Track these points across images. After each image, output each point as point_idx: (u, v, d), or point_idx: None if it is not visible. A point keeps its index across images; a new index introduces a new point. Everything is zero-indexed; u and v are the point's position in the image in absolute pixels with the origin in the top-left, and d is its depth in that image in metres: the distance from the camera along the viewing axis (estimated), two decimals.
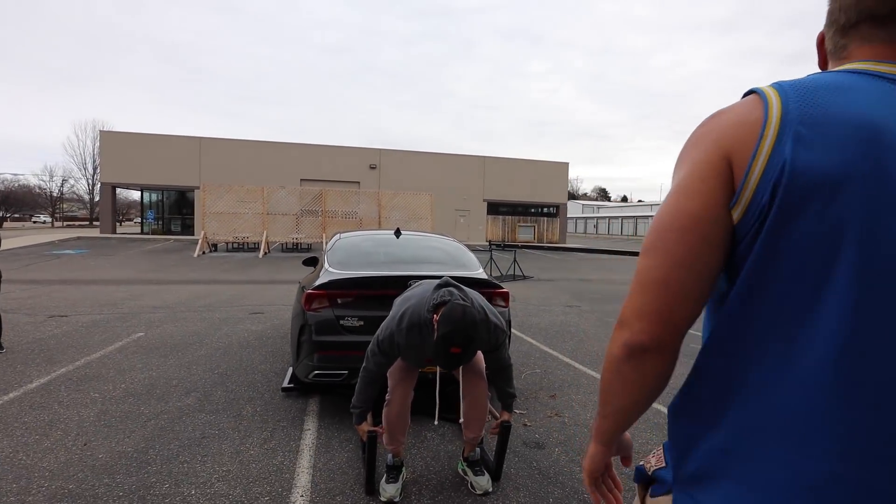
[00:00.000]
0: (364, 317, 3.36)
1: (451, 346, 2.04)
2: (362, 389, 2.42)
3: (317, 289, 3.41)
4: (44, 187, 49.84)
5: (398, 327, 2.32)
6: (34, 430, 3.23)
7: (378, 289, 3.40)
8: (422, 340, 2.29)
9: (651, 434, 3.36)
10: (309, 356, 3.36)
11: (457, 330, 2.04)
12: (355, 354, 3.26)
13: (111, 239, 23.28)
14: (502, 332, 2.40)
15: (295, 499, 2.44)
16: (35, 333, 5.97)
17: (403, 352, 2.36)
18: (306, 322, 3.39)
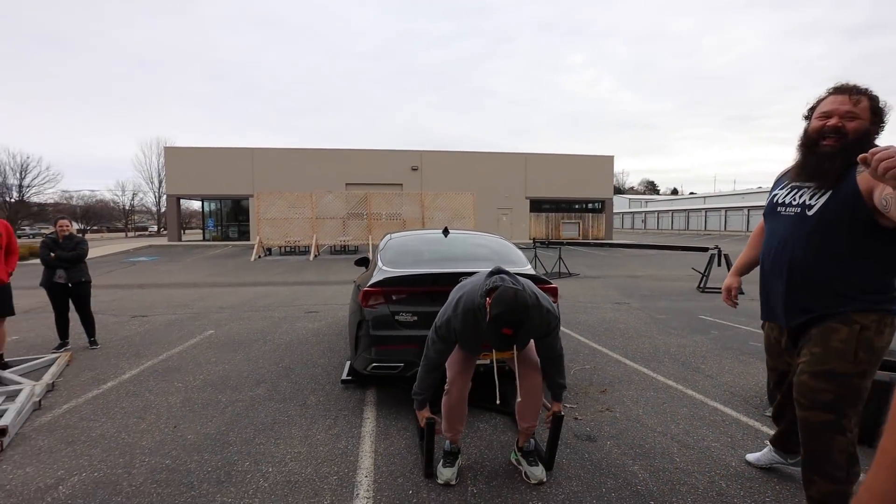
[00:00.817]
0: (417, 312, 3.55)
1: (503, 326, 2.18)
2: (423, 377, 2.60)
3: (372, 286, 3.64)
4: (117, 201, 53.75)
5: (454, 312, 2.48)
6: (131, 413, 3.63)
7: (430, 285, 3.59)
8: (476, 324, 2.43)
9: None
10: (367, 350, 3.59)
11: (508, 311, 2.17)
12: (410, 348, 3.47)
13: (177, 246, 24.83)
14: (554, 318, 2.51)
15: (360, 479, 2.66)
16: (122, 332, 6.58)
17: (460, 337, 2.50)
18: (364, 318, 3.62)
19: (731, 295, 2.56)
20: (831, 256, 1.97)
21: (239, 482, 2.62)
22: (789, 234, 2.07)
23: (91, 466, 2.82)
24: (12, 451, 3.04)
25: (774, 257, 2.13)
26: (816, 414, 1.98)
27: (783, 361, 2.31)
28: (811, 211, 1.99)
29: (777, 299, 2.14)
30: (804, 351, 2.06)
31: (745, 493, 2.52)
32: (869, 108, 1.94)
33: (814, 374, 1.98)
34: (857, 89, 1.97)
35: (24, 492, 2.55)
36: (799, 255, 2.03)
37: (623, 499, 2.46)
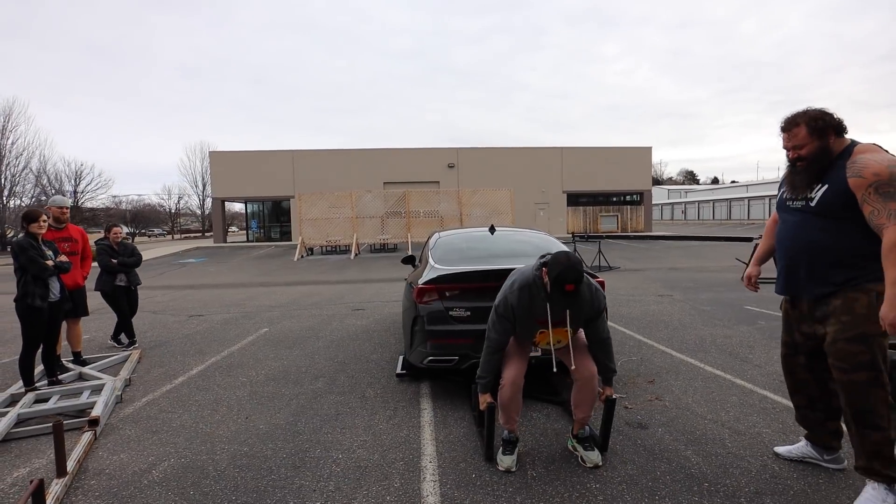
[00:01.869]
0: (470, 307, 3.70)
1: (565, 283, 2.40)
2: (486, 360, 2.76)
3: (427, 283, 3.81)
4: (163, 205, 56.33)
5: (510, 290, 2.69)
6: (205, 406, 3.93)
7: (481, 281, 3.73)
8: (531, 300, 2.62)
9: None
10: (423, 344, 3.77)
11: (566, 268, 2.41)
12: (465, 342, 3.63)
13: (223, 248, 25.87)
14: (603, 297, 2.72)
15: (425, 464, 2.83)
16: (182, 330, 7.02)
17: (517, 314, 2.64)
18: (419, 314, 3.80)
19: (752, 282, 2.96)
20: (840, 235, 2.31)
21: (313, 467, 2.84)
22: (800, 220, 2.46)
23: (177, 453, 3.11)
24: (105, 440, 3.37)
25: (792, 240, 2.50)
26: (859, 374, 2.25)
27: (798, 333, 2.61)
28: (813, 202, 2.38)
29: (799, 274, 2.48)
30: (831, 321, 2.34)
31: (799, 476, 2.56)
32: (807, 132, 2.37)
33: (848, 339, 2.27)
34: (791, 122, 2.42)
35: (122, 475, 2.85)
36: (813, 238, 2.39)
37: (677, 481, 2.54)
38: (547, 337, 2.70)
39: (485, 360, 2.77)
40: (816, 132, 2.35)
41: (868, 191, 2.18)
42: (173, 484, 2.72)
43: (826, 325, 2.38)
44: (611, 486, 2.52)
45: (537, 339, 2.73)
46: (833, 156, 2.34)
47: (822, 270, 2.37)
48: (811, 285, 2.42)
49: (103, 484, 2.75)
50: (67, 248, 5.00)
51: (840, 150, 2.34)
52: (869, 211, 2.19)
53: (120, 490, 2.67)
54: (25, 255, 4.17)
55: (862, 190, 2.20)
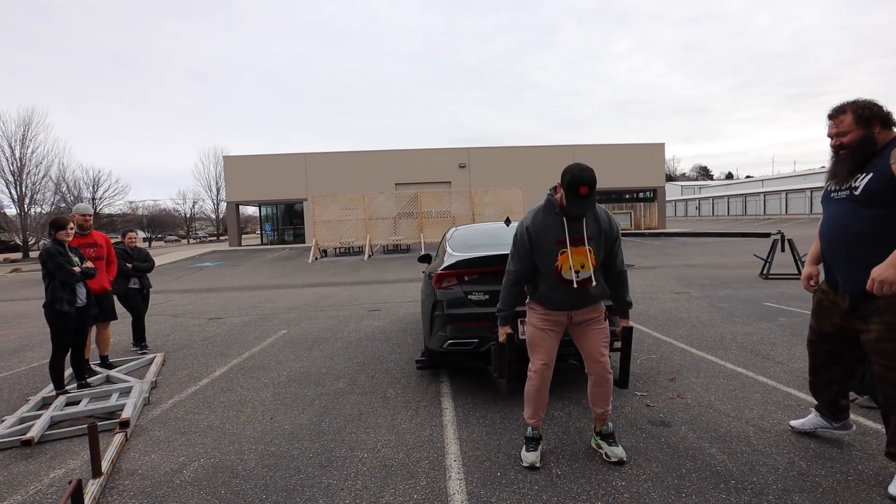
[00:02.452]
0: (488, 291, 3.76)
1: (580, 185, 2.43)
2: (506, 292, 2.78)
3: (445, 269, 3.89)
4: (179, 209, 57.20)
5: (525, 217, 2.75)
6: (230, 407, 4.01)
7: (499, 265, 3.76)
8: (546, 219, 2.66)
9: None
10: (442, 328, 3.82)
11: (578, 169, 2.47)
12: (484, 324, 3.68)
13: (238, 251, 26.19)
14: (618, 224, 2.76)
15: (450, 463, 2.86)
16: (203, 333, 7.14)
17: (534, 238, 2.65)
18: (438, 299, 3.85)
19: (812, 282, 2.86)
20: (884, 223, 2.31)
21: (340, 466, 2.89)
22: (844, 211, 2.46)
23: (206, 454, 3.18)
24: (135, 441, 3.45)
25: (835, 232, 2.52)
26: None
27: (830, 323, 2.65)
28: (858, 191, 2.38)
29: (840, 267, 2.52)
30: (875, 319, 2.37)
31: (827, 473, 2.54)
32: (853, 120, 2.40)
33: (894, 339, 2.31)
34: (839, 110, 2.46)
35: (154, 475, 2.92)
36: (857, 226, 2.39)
37: (703, 479, 2.54)
38: (568, 259, 2.61)
39: (504, 292, 2.79)
40: (862, 120, 2.38)
41: None
42: (204, 483, 2.78)
43: (869, 322, 2.41)
44: (636, 483, 2.53)
45: (559, 261, 2.63)
46: (878, 147, 2.36)
47: (866, 261, 2.34)
48: (855, 275, 2.42)
49: (137, 484, 2.82)
50: (93, 254, 5.12)
51: (887, 142, 2.35)
52: None
53: (153, 490, 2.74)
54: (53, 261, 4.29)
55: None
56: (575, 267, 2.63)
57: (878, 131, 2.36)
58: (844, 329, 2.58)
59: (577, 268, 2.63)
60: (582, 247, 2.62)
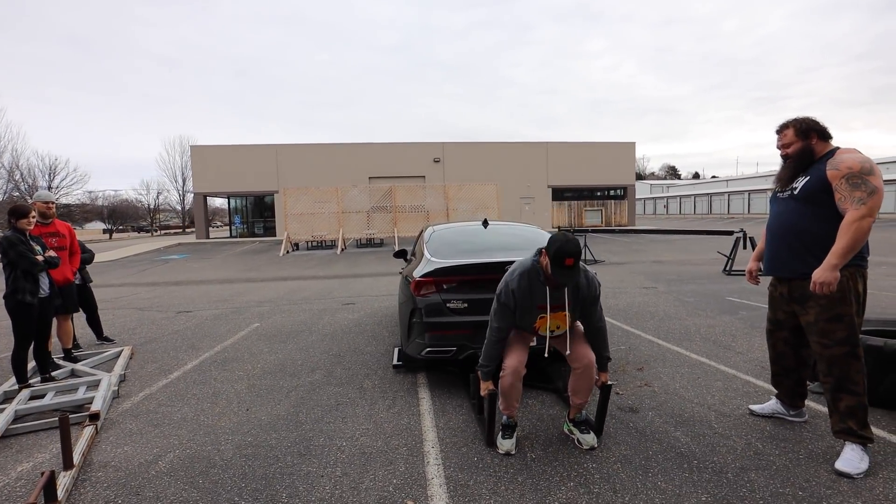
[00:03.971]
0: (467, 299, 3.80)
1: (565, 257, 2.54)
2: (489, 349, 2.86)
3: (424, 276, 3.89)
4: (142, 200, 55.25)
5: (510, 277, 2.83)
6: (204, 399, 3.97)
7: (478, 274, 3.83)
8: (531, 285, 2.76)
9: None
10: (421, 335, 3.85)
11: (564, 242, 2.56)
12: (462, 333, 3.73)
13: (206, 243, 25.55)
14: (598, 284, 2.87)
15: (427, 449, 2.93)
16: (172, 327, 6.99)
17: (518, 298, 2.75)
18: (416, 306, 3.87)
19: (753, 276, 3.24)
20: (817, 220, 2.65)
21: (318, 455, 2.92)
22: (786, 208, 2.80)
23: (181, 445, 3.15)
24: (106, 434, 3.39)
25: (778, 226, 2.85)
26: (839, 348, 2.59)
27: (781, 311, 2.97)
28: (797, 191, 2.73)
29: (783, 255, 2.83)
30: (811, 303, 2.68)
31: (780, 452, 2.73)
32: (794, 133, 2.78)
33: (828, 319, 2.62)
34: (784, 126, 2.84)
35: (128, 467, 2.88)
36: (795, 221, 2.74)
37: (668, 459, 2.69)
38: (546, 322, 2.80)
39: (487, 348, 2.87)
40: (801, 133, 2.76)
41: (840, 181, 2.55)
42: (181, 474, 2.77)
43: (806, 307, 2.73)
44: (606, 465, 2.65)
45: (537, 324, 2.83)
46: (816, 156, 2.73)
47: (801, 250, 2.71)
48: (792, 263, 2.77)
49: (111, 476, 2.78)
50: (55, 244, 4.96)
51: (825, 152, 2.72)
52: (838, 198, 2.55)
53: (128, 480, 2.72)
54: (15, 250, 4.14)
55: (836, 180, 2.56)
56: (551, 328, 2.85)
57: (815, 142, 2.73)
58: (792, 315, 2.89)
59: (552, 328, 2.86)
60: (561, 312, 2.79)
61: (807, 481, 2.43)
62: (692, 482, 2.45)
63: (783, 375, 3.07)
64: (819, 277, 2.51)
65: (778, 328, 3.02)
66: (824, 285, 2.50)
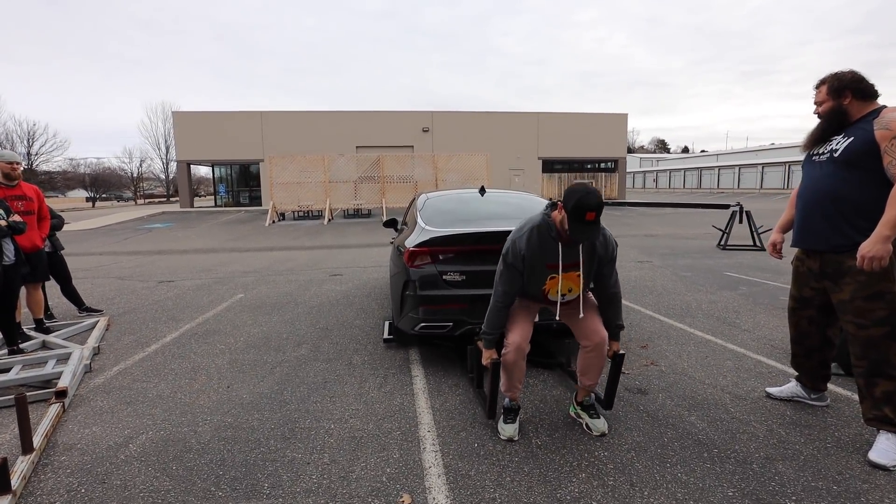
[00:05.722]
0: (465, 271, 3.53)
1: (587, 211, 2.21)
2: (493, 315, 2.59)
3: (418, 246, 3.60)
4: (125, 168, 53.60)
5: (517, 235, 2.52)
6: (182, 375, 3.70)
7: (476, 244, 3.55)
8: (541, 242, 2.46)
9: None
10: (414, 309, 3.58)
11: (586, 193, 2.24)
12: (458, 307, 3.47)
13: (190, 213, 24.88)
14: (615, 244, 2.58)
15: (423, 434, 2.70)
16: (152, 297, 6.66)
17: (527, 260, 2.47)
18: (410, 278, 3.60)
19: (776, 248, 3.00)
20: (859, 186, 2.38)
21: (304, 438, 2.68)
22: (823, 172, 2.52)
23: (155, 425, 2.89)
24: (74, 412, 3.12)
25: (813, 192, 2.57)
26: (877, 329, 2.36)
27: (808, 288, 2.73)
28: (838, 153, 2.44)
29: (817, 225, 2.55)
30: (846, 280, 2.43)
31: (806, 440, 2.54)
32: (827, 91, 2.53)
33: (866, 297, 2.38)
34: (820, 81, 2.59)
35: (95, 450, 2.62)
36: (832, 187, 2.46)
37: (686, 448, 2.49)
38: (557, 284, 2.51)
39: (491, 315, 2.61)
40: (833, 91, 2.50)
41: (892, 142, 2.26)
42: (153, 458, 2.52)
43: (840, 283, 2.48)
44: (619, 453, 2.45)
45: (547, 286, 2.53)
46: (852, 118, 2.46)
47: (838, 219, 2.45)
48: (827, 234, 2.50)
49: (75, 460, 2.52)
50: (22, 208, 4.56)
51: (867, 112, 2.43)
52: (888, 161, 2.28)
53: (94, 466, 2.46)
54: None
55: (885, 141, 2.28)
56: (563, 291, 2.54)
57: (849, 102, 2.46)
58: (821, 292, 2.66)
59: (563, 291, 2.55)
60: (574, 272, 2.48)
61: (839, 473, 2.24)
62: (715, 474, 2.26)
63: (805, 357, 2.86)
64: (868, 251, 2.23)
65: (803, 306, 2.79)
66: (874, 260, 2.22)
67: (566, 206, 2.28)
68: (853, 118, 2.44)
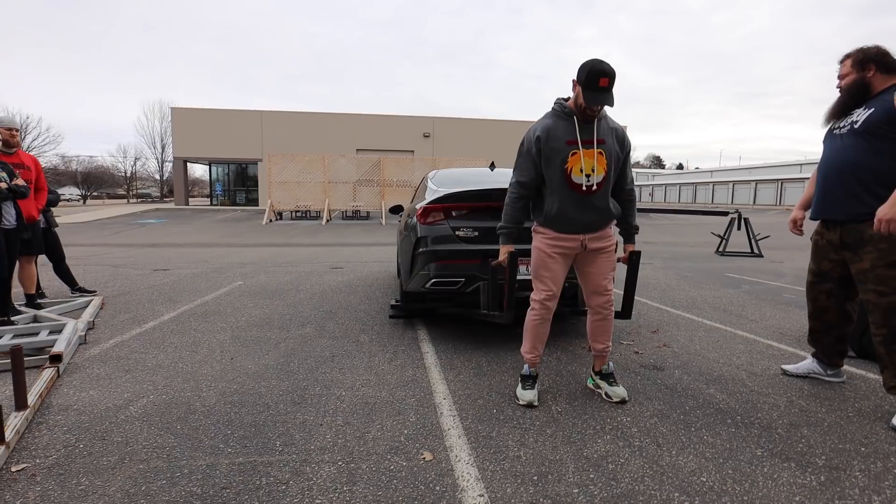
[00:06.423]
0: (477, 227, 3.48)
1: (600, 76, 2.23)
2: (510, 206, 2.54)
3: (433, 203, 3.58)
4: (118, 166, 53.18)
5: (533, 126, 2.52)
6: (183, 348, 3.59)
7: (491, 201, 3.50)
8: (555, 123, 2.43)
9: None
10: (425, 266, 3.50)
11: (598, 61, 2.26)
12: (471, 263, 3.41)
13: (185, 210, 24.68)
14: (629, 140, 2.58)
15: (439, 401, 2.61)
16: (147, 282, 6.52)
17: (543, 142, 2.42)
18: (421, 235, 3.53)
19: (798, 224, 2.96)
20: (879, 155, 2.36)
21: (315, 403, 2.58)
22: (843, 144, 2.51)
23: (157, 391, 2.78)
24: (69, 378, 3.00)
25: (833, 163, 2.56)
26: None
27: (826, 261, 2.71)
28: (857, 124, 2.44)
29: (837, 195, 2.55)
30: (868, 248, 2.42)
31: (828, 410, 2.49)
32: (851, 64, 2.52)
33: (887, 265, 2.36)
34: (846, 56, 2.57)
35: (93, 411, 2.51)
36: (853, 157, 2.45)
37: (708, 415, 2.42)
38: (580, 160, 2.40)
39: (507, 209, 2.55)
40: (857, 63, 2.49)
41: None
42: (156, 419, 2.41)
43: (860, 253, 2.47)
44: (642, 419, 2.37)
45: (569, 163, 2.42)
46: (875, 90, 2.45)
47: (858, 189, 2.44)
48: (847, 203, 2.49)
49: (72, 419, 2.41)
50: (19, 177, 4.45)
51: (890, 84, 2.41)
52: None
53: (92, 424, 2.35)
54: None
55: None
56: (586, 170, 2.42)
57: (872, 75, 2.46)
58: (840, 265, 2.65)
59: (587, 171, 2.42)
60: (592, 149, 2.41)
61: (865, 437, 2.19)
62: (741, 437, 2.19)
63: (823, 332, 2.83)
64: (885, 214, 2.23)
65: (822, 280, 2.76)
66: (891, 222, 2.21)
67: (579, 78, 2.29)
68: (875, 91, 2.44)
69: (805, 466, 1.95)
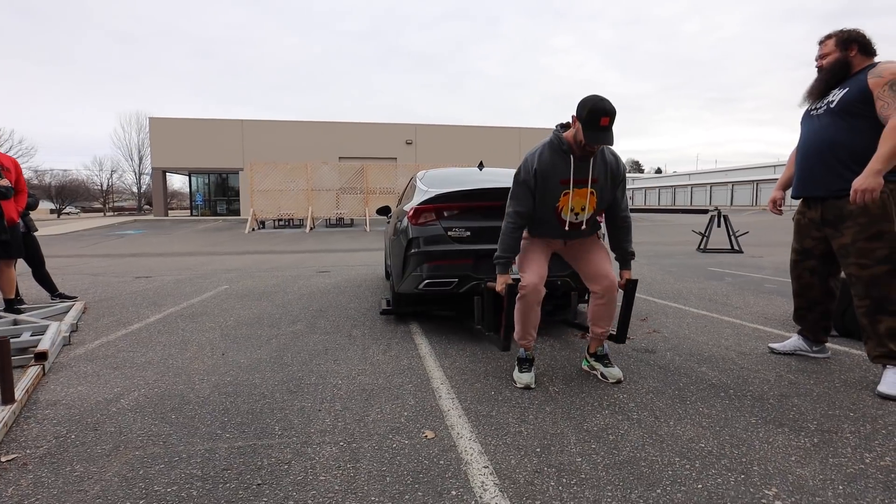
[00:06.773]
0: (470, 227, 3.49)
1: (602, 116, 2.23)
2: (506, 238, 2.55)
3: (423, 204, 3.57)
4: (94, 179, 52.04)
5: (531, 154, 2.52)
6: (172, 345, 3.53)
7: (481, 199, 3.52)
8: (553, 157, 2.46)
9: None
10: (418, 267, 3.50)
11: (599, 99, 2.25)
12: (464, 263, 3.42)
13: (164, 221, 24.26)
14: (624, 167, 2.64)
15: (437, 386, 2.61)
16: (129, 288, 6.40)
17: (539, 176, 2.45)
18: (413, 236, 3.53)
19: (777, 205, 3.07)
20: (855, 133, 2.46)
21: (312, 392, 2.56)
22: (821, 123, 2.60)
23: (147, 385, 2.73)
24: (55, 376, 2.93)
25: (812, 143, 2.65)
26: (879, 267, 2.44)
27: (809, 239, 2.80)
28: (834, 104, 2.54)
29: (816, 173, 2.64)
30: (848, 224, 2.50)
31: (816, 382, 2.56)
32: (834, 43, 2.60)
33: (868, 238, 2.45)
34: (827, 36, 2.66)
35: (83, 405, 2.45)
36: (831, 135, 2.54)
37: (702, 390, 2.47)
38: (570, 201, 2.48)
39: (504, 238, 2.56)
40: (841, 43, 2.57)
41: (884, 88, 2.35)
42: (149, 410, 2.37)
43: (841, 228, 2.55)
44: (638, 395, 2.41)
45: (560, 203, 2.49)
46: (853, 69, 2.54)
47: (837, 165, 2.53)
48: (827, 180, 2.58)
49: (61, 412, 2.35)
50: (3, 176, 4.34)
51: (864, 66, 2.52)
52: (880, 105, 2.35)
53: (83, 417, 2.29)
54: None
55: (878, 88, 2.37)
56: (575, 209, 2.52)
57: (854, 55, 2.54)
58: (822, 242, 2.74)
59: (577, 210, 2.53)
60: (585, 189, 2.48)
61: (853, 404, 2.26)
62: (735, 408, 2.24)
63: (807, 309, 2.92)
64: (861, 184, 2.31)
65: (805, 257, 2.85)
66: (867, 192, 2.29)
67: (580, 115, 2.29)
68: (853, 71, 2.54)
69: (798, 430, 2.00)
